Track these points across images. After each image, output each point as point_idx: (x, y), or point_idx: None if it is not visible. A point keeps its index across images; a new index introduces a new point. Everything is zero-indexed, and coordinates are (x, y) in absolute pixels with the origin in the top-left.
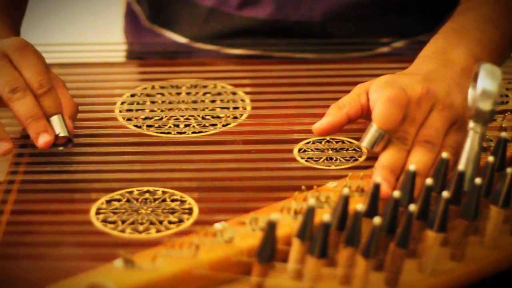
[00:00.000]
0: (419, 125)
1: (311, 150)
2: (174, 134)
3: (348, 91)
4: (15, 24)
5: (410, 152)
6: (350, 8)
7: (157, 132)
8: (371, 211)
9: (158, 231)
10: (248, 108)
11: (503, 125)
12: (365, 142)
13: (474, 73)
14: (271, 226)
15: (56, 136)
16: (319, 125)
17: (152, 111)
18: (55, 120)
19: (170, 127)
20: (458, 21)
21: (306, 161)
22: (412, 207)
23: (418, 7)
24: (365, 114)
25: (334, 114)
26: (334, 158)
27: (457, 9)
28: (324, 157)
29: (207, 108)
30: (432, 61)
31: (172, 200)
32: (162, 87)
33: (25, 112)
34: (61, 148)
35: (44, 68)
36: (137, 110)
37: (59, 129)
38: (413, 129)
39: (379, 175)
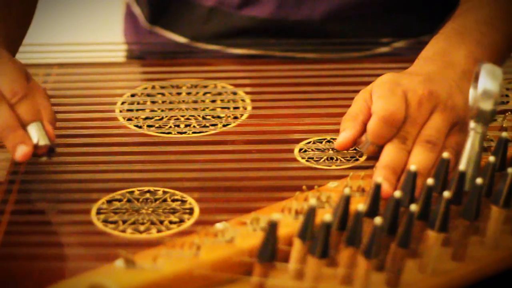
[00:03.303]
0: (420, 126)
1: (312, 150)
2: (175, 134)
3: (348, 91)
4: (11, 34)
5: (411, 152)
6: (351, 8)
7: (157, 132)
8: (372, 211)
9: (159, 231)
10: (249, 108)
11: (504, 125)
12: (359, 147)
13: (475, 73)
14: (272, 226)
15: (36, 146)
16: (342, 140)
17: (152, 111)
18: (33, 127)
19: (170, 127)
20: (459, 22)
21: (306, 161)
22: (413, 207)
23: (419, 7)
24: None
25: (351, 126)
26: (335, 158)
27: (457, 10)
28: (325, 157)
29: (207, 108)
30: (433, 62)
31: (173, 200)
32: (162, 87)
33: (0, 124)
34: (44, 158)
35: (20, 76)
36: (137, 110)
37: (38, 136)
38: (414, 129)
39: (380, 175)
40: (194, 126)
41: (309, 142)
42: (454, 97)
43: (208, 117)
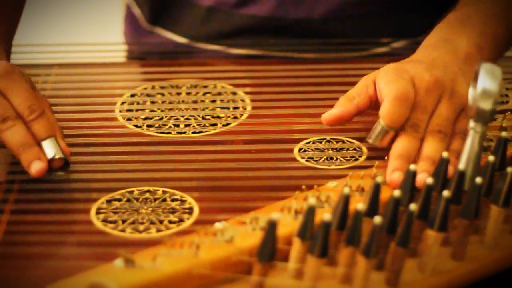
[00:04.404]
0: (430, 113)
1: (312, 150)
2: (174, 134)
3: (347, 91)
4: (8, 39)
5: (424, 142)
6: (351, 7)
7: (157, 132)
8: (372, 211)
9: (158, 230)
10: (248, 108)
11: (503, 125)
12: (372, 138)
13: (475, 73)
14: (272, 226)
15: (52, 160)
16: (328, 115)
17: (152, 111)
18: (49, 143)
19: (170, 127)
20: (462, 12)
21: (306, 161)
22: (413, 207)
23: (418, 7)
24: (374, 105)
25: (344, 105)
26: (335, 158)
27: (460, 0)
28: (325, 157)
29: (207, 108)
30: (436, 49)
31: (173, 200)
32: (162, 87)
33: (16, 141)
34: (60, 173)
35: (32, 92)
36: (137, 110)
37: (54, 151)
38: (425, 116)
39: (395, 165)
40: (193, 126)
41: (308, 142)
42: (458, 84)
43: (207, 117)
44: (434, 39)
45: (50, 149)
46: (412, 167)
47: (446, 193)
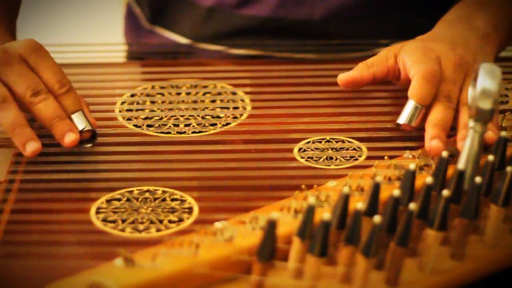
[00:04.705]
0: (459, 87)
1: (311, 149)
2: (174, 134)
3: (347, 91)
4: (12, 27)
5: (459, 113)
6: (351, 8)
7: (157, 132)
8: (371, 210)
9: (158, 230)
10: (248, 108)
11: (503, 125)
12: (403, 119)
13: (474, 72)
14: (271, 225)
15: (81, 131)
16: (344, 76)
17: (152, 111)
18: (78, 116)
19: (170, 127)
20: None
21: (306, 160)
22: (412, 206)
23: (418, 7)
24: (391, 77)
25: (361, 69)
26: (334, 158)
27: None
28: (324, 157)
29: (207, 108)
30: (456, 25)
31: (172, 200)
32: (162, 87)
33: (50, 114)
34: (89, 145)
35: (60, 68)
36: (137, 110)
37: (84, 124)
38: (455, 88)
39: (432, 133)
40: (193, 126)
41: (308, 142)
42: (479, 61)
43: (207, 117)
44: (453, 15)
45: (79, 122)
46: (412, 166)
47: (445, 192)
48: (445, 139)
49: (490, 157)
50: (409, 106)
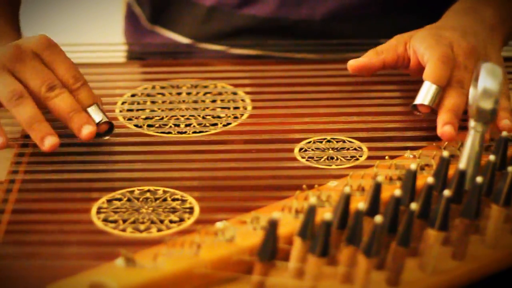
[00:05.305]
0: (472, 73)
1: (312, 149)
2: (175, 134)
3: (347, 91)
4: (17, 25)
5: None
6: (351, 8)
7: (157, 132)
8: (372, 210)
9: (159, 230)
10: (249, 108)
11: None
12: (420, 99)
13: (475, 72)
14: (272, 225)
15: (98, 124)
16: (354, 62)
17: (152, 111)
18: (94, 109)
19: (170, 127)
20: None
21: (307, 160)
22: (413, 206)
23: (418, 7)
24: (400, 64)
25: (371, 56)
26: (335, 158)
27: None
28: (325, 157)
29: (207, 108)
30: (464, 16)
31: (173, 199)
32: (162, 87)
33: (66, 107)
34: (106, 137)
35: (73, 63)
36: (137, 110)
37: (101, 116)
38: (468, 75)
39: (445, 118)
40: (194, 126)
41: (309, 142)
42: (489, 51)
43: (208, 117)
44: (460, 6)
45: (96, 114)
46: (413, 166)
47: (447, 192)
48: (457, 125)
49: (492, 157)
50: (425, 87)
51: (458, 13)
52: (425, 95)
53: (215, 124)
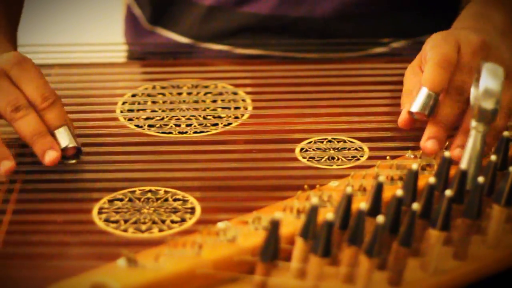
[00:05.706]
0: (474, 74)
1: (313, 149)
2: (176, 134)
3: (348, 91)
4: (13, 32)
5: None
6: (352, 7)
7: (158, 132)
8: (374, 210)
9: (160, 230)
10: (250, 108)
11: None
12: (416, 107)
13: (477, 72)
14: (274, 225)
15: (65, 148)
16: (402, 120)
17: (153, 111)
18: (62, 131)
19: (171, 127)
20: None
21: (308, 160)
22: (415, 206)
23: (419, 6)
24: None
25: (409, 102)
26: (336, 158)
27: None
28: (326, 157)
29: (208, 108)
30: (475, 20)
31: (175, 200)
32: (163, 87)
33: (29, 131)
34: (73, 161)
35: (45, 81)
36: (138, 110)
37: (68, 140)
38: (470, 78)
39: (430, 132)
40: (195, 126)
41: (310, 142)
42: (502, 49)
43: (209, 117)
44: (470, 12)
45: (63, 137)
46: (415, 166)
47: (448, 192)
48: (443, 139)
49: (493, 157)
50: (422, 94)
51: (468, 17)
52: (420, 102)
53: (216, 124)
